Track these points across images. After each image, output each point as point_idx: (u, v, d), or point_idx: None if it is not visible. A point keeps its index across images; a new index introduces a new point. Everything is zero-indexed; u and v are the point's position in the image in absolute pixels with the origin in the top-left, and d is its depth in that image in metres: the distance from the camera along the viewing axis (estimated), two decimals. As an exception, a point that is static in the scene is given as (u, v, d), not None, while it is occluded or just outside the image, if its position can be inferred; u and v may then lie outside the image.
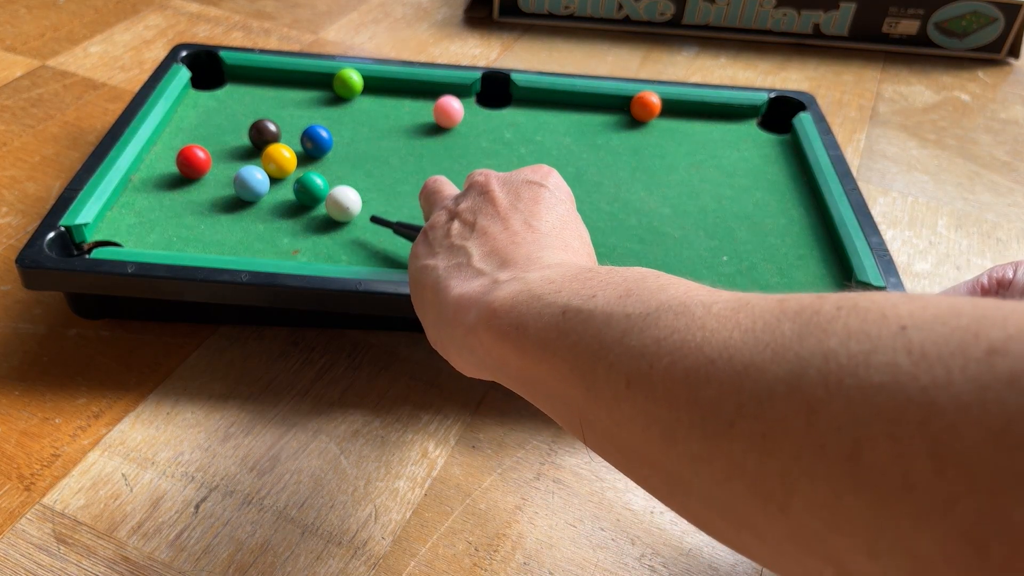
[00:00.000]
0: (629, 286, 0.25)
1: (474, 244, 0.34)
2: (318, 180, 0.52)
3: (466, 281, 0.31)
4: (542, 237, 0.33)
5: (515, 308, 0.27)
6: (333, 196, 0.51)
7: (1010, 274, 0.37)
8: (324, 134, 0.57)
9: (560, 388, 0.25)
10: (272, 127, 0.57)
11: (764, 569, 0.40)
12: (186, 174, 0.54)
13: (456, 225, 0.36)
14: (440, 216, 0.38)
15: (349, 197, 0.51)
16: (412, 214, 0.53)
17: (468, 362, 0.31)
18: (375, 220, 0.51)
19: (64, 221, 0.47)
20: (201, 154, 0.54)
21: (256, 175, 0.52)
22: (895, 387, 0.16)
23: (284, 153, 0.54)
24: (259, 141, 0.57)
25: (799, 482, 0.17)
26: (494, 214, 0.35)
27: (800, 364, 0.18)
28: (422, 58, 0.81)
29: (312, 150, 0.57)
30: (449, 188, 0.42)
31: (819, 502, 0.17)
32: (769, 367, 0.18)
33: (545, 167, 0.39)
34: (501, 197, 0.36)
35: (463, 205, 0.37)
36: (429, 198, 0.43)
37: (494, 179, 0.38)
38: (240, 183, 0.52)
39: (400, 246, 0.51)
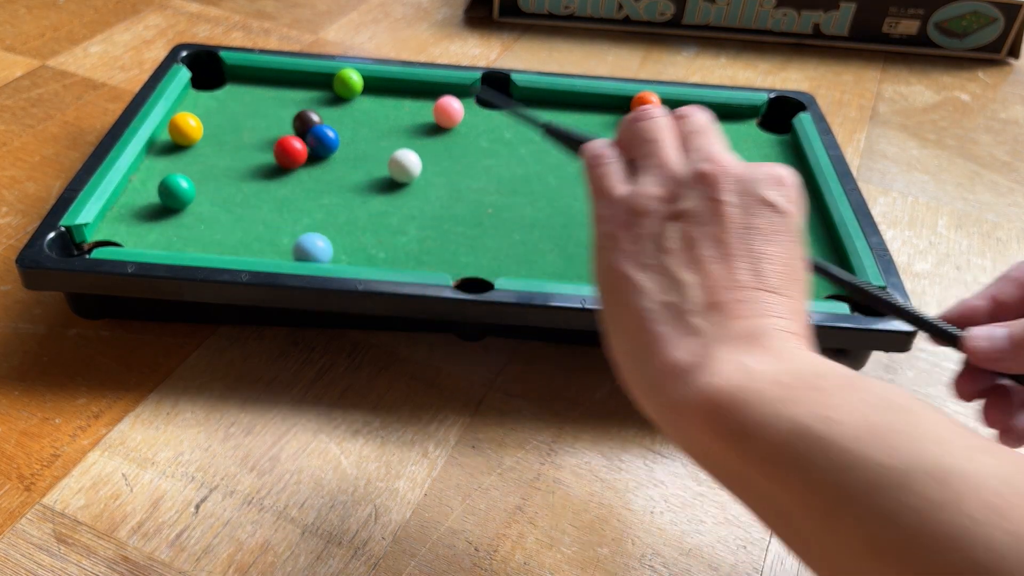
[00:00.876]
0: (873, 419, 0.22)
1: (693, 281, 0.29)
2: (183, 183, 0.51)
3: (679, 338, 0.28)
4: (767, 295, 0.29)
5: (737, 408, 0.25)
6: (395, 158, 0.55)
7: None
8: (331, 134, 0.57)
9: (779, 500, 0.24)
10: (315, 116, 0.59)
11: (763, 570, 0.40)
12: (283, 164, 0.55)
13: (672, 235, 0.30)
14: (652, 201, 0.31)
15: (410, 160, 0.54)
16: (412, 213, 0.53)
17: (660, 421, 0.29)
18: (535, 122, 0.44)
19: (64, 221, 0.47)
20: (298, 145, 0.55)
21: (318, 243, 0.48)
22: None
23: (190, 122, 0.56)
24: (303, 131, 0.58)
25: None
26: (720, 242, 0.29)
27: None
28: (422, 58, 0.81)
29: (318, 149, 0.57)
30: (670, 147, 0.33)
31: None
32: None
33: (788, 176, 0.31)
34: (733, 221, 0.30)
35: (686, 205, 0.30)
36: (642, 141, 0.33)
37: (730, 182, 0.30)
38: (301, 251, 0.48)
39: (402, 247, 0.51)
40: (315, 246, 0.48)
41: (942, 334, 0.33)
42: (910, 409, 0.23)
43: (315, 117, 0.59)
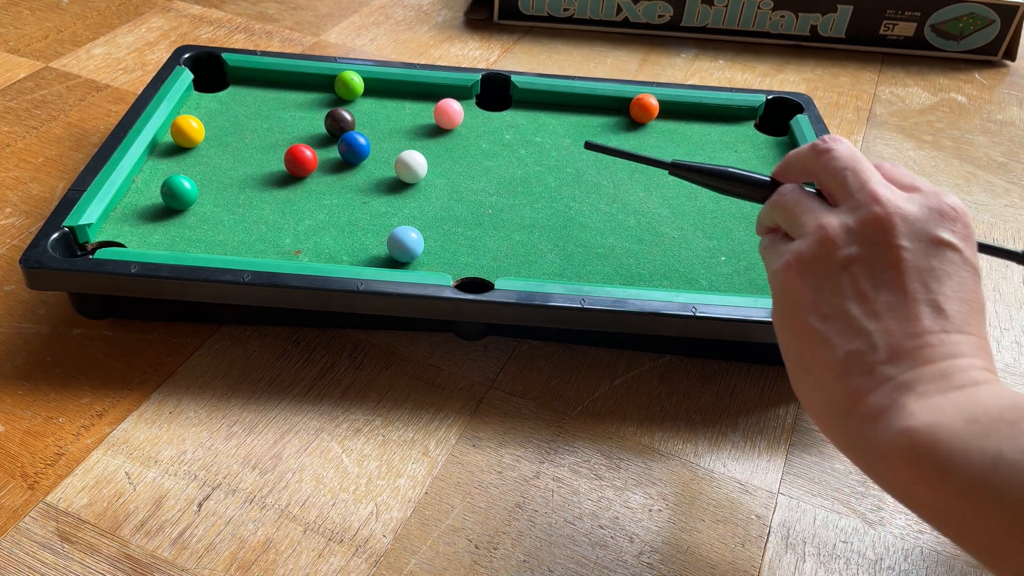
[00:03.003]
0: None
1: (875, 329, 0.29)
2: (186, 184, 0.52)
3: (872, 386, 0.29)
4: (951, 336, 0.29)
5: (936, 446, 0.26)
6: (402, 159, 0.55)
7: None
8: (362, 141, 0.57)
9: (983, 528, 0.25)
10: (348, 115, 0.59)
11: (760, 568, 0.40)
12: (295, 173, 0.55)
13: (848, 284, 0.30)
14: (829, 251, 0.31)
15: (417, 160, 0.55)
16: (413, 214, 0.54)
17: (864, 468, 0.30)
18: (650, 161, 0.45)
19: (68, 222, 0.48)
20: (308, 153, 0.55)
21: (411, 235, 0.49)
22: None
23: (192, 124, 0.57)
24: (335, 129, 0.59)
25: None
26: (899, 288, 0.29)
27: None
28: (423, 60, 0.81)
29: (348, 156, 0.57)
30: (816, 202, 0.33)
31: None
32: None
33: (957, 207, 0.31)
34: (910, 265, 0.30)
35: (857, 252, 0.30)
36: (793, 206, 0.34)
37: (902, 232, 0.30)
38: (394, 243, 0.49)
39: (401, 247, 0.51)
40: (408, 238, 0.49)
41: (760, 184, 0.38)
42: None
43: (348, 116, 0.59)
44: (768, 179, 0.40)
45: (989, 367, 0.29)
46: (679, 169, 0.43)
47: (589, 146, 0.45)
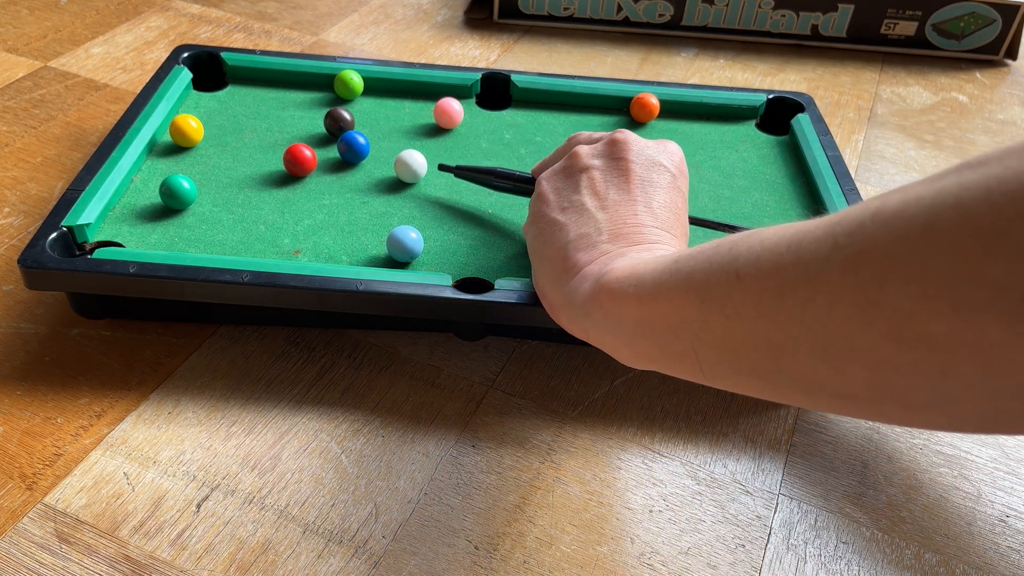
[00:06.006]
0: (717, 245, 0.30)
1: (603, 218, 0.38)
2: (185, 183, 0.51)
3: (591, 257, 0.36)
4: (660, 223, 0.38)
5: (633, 271, 0.33)
6: (401, 158, 0.55)
7: None
8: (362, 140, 0.57)
9: (675, 316, 0.30)
10: (347, 115, 0.59)
11: (761, 569, 0.40)
12: (294, 172, 0.55)
13: (586, 183, 0.40)
14: (575, 161, 0.41)
15: (416, 160, 0.55)
16: (412, 213, 0.54)
17: (578, 325, 0.37)
18: (444, 168, 0.55)
19: (66, 221, 0.48)
20: (308, 152, 0.55)
21: (411, 235, 0.49)
22: None
23: (191, 124, 0.57)
24: (334, 129, 0.59)
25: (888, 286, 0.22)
26: (625, 190, 0.39)
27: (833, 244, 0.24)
28: (422, 59, 0.81)
29: (347, 155, 0.57)
30: (592, 137, 0.45)
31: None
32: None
33: (676, 150, 0.42)
34: (636, 175, 0.39)
35: (598, 163, 0.40)
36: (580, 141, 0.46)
37: (633, 151, 0.40)
38: (394, 243, 0.49)
39: (400, 246, 0.51)
40: (408, 237, 0.48)
41: None
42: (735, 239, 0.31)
43: (347, 116, 0.59)
44: (529, 175, 0.51)
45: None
46: (462, 171, 0.54)
47: (441, 168, 0.55)
